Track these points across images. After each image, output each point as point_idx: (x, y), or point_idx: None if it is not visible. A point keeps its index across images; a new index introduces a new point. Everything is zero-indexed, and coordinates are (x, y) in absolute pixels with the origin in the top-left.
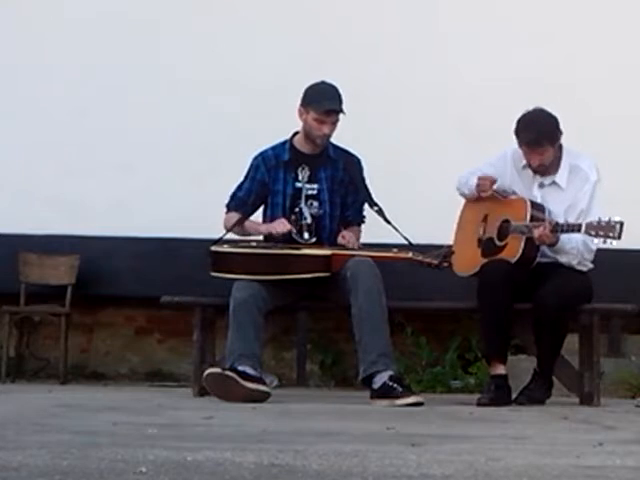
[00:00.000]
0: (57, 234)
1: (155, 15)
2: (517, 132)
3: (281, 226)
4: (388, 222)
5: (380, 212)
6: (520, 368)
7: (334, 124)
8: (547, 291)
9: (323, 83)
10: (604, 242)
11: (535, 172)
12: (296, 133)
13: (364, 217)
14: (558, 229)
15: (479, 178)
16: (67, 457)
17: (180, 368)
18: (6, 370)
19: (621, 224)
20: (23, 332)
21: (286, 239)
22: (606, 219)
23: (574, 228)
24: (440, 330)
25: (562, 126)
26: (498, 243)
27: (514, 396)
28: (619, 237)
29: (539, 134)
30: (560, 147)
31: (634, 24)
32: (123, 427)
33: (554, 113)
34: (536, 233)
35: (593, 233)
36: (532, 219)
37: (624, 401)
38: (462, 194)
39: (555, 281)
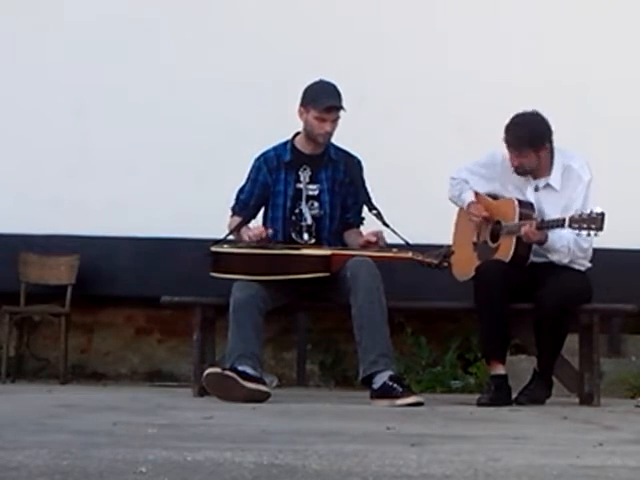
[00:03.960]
0: (57, 234)
1: (155, 16)
2: (504, 132)
3: (257, 231)
4: (387, 225)
5: (379, 215)
6: (520, 368)
7: (335, 121)
8: (547, 291)
9: (321, 81)
10: (588, 235)
11: (517, 173)
12: (297, 134)
13: (363, 219)
14: (544, 225)
15: (470, 205)
16: (67, 457)
17: (180, 368)
18: (6, 370)
19: (602, 215)
20: (23, 332)
21: (286, 239)
22: (588, 211)
23: (558, 223)
24: (440, 330)
25: (559, 127)
26: (491, 245)
27: (514, 396)
28: (601, 228)
29: (518, 139)
30: (552, 149)
31: (635, 24)
32: (123, 427)
33: (546, 116)
34: (522, 231)
35: (576, 226)
36: (521, 218)
37: (624, 401)
38: (454, 203)
39: (555, 281)
